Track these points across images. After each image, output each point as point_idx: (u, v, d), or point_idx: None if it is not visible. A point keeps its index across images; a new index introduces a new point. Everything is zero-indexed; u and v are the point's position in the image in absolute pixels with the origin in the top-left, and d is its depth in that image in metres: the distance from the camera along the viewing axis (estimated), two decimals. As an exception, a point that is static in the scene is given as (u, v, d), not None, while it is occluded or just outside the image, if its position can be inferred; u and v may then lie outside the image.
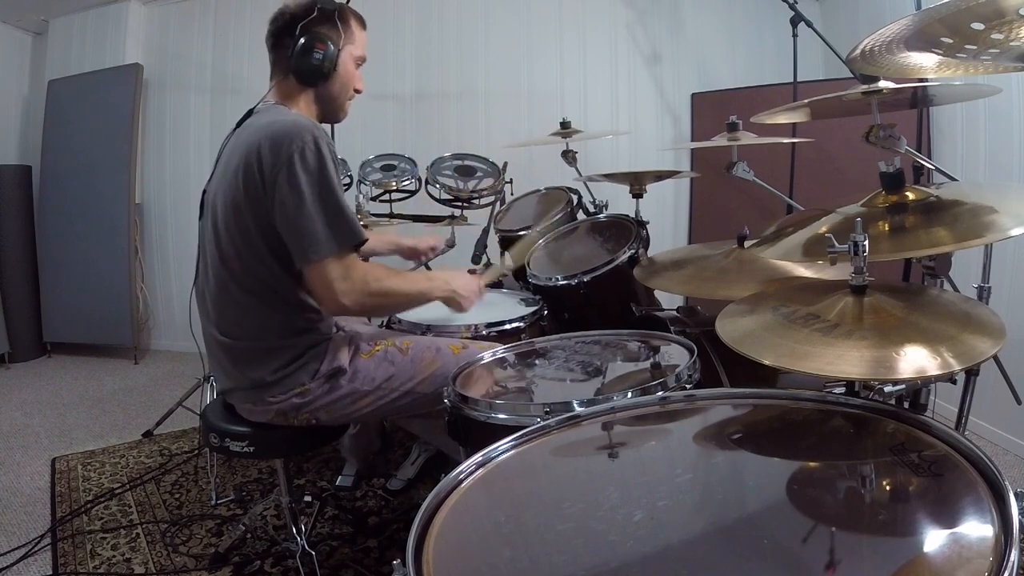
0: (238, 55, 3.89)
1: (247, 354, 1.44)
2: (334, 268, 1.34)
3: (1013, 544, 0.60)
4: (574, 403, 1.09)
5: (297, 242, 1.33)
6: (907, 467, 0.78)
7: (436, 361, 1.52)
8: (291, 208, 1.31)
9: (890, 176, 1.18)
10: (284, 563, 1.78)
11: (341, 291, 1.35)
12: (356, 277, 1.36)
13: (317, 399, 1.46)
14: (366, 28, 1.55)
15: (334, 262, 1.34)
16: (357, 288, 1.36)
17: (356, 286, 1.36)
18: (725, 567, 0.69)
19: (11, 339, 3.87)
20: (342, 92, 1.53)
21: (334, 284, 1.34)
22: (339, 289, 1.34)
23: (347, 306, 1.37)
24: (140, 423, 2.86)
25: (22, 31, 4.15)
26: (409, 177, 2.87)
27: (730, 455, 0.96)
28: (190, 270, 1.56)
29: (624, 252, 1.91)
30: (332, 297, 1.35)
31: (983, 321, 0.97)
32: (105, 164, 3.85)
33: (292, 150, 1.30)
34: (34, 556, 1.87)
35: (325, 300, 1.38)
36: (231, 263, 1.40)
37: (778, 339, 1.02)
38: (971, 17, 0.97)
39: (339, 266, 1.34)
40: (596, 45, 3.68)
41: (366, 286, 1.38)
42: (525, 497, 0.91)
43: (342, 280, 1.34)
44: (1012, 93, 2.25)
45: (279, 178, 1.31)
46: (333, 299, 1.35)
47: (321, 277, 1.34)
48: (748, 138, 1.90)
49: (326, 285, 1.35)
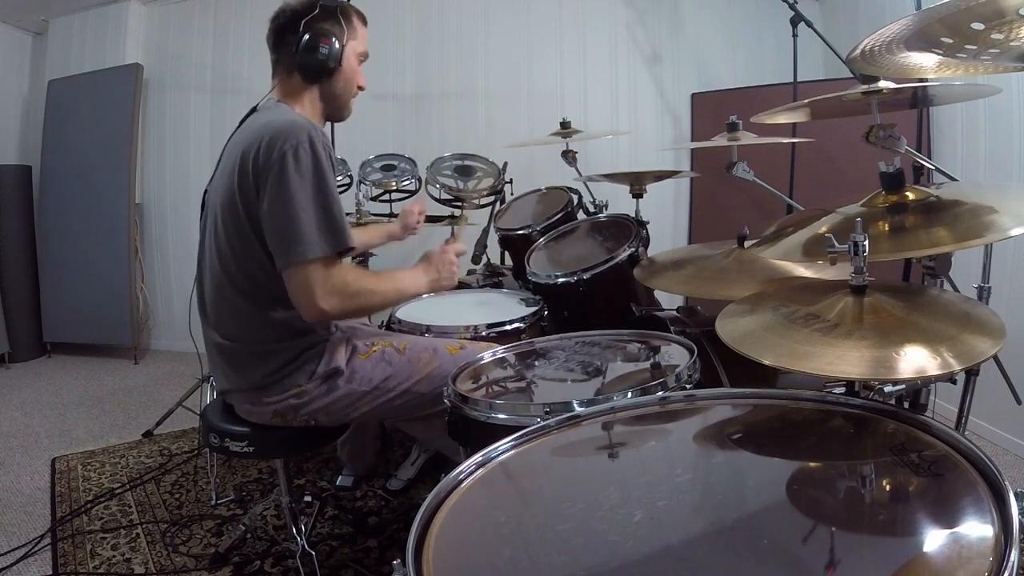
0: (238, 55, 3.89)
1: (243, 357, 1.44)
2: (317, 272, 1.29)
3: (1013, 544, 0.60)
4: (574, 403, 1.09)
5: (280, 243, 1.30)
6: (907, 467, 0.78)
7: (433, 361, 1.52)
8: (278, 208, 1.29)
9: (890, 176, 1.18)
10: (284, 563, 1.78)
11: (320, 296, 1.30)
12: (336, 282, 1.32)
13: (314, 400, 1.45)
14: (367, 24, 1.55)
15: (317, 266, 1.29)
16: (337, 292, 1.32)
17: (336, 290, 1.32)
18: (725, 567, 0.69)
19: (11, 339, 3.87)
20: (346, 89, 1.52)
21: (314, 289, 1.30)
22: (318, 294, 1.30)
23: (326, 311, 1.32)
24: (140, 423, 2.86)
25: (22, 31, 4.15)
26: (409, 177, 2.87)
27: (730, 455, 0.96)
28: (190, 270, 1.55)
29: (624, 250, 1.91)
30: (311, 302, 1.31)
31: (983, 321, 0.97)
32: (105, 164, 3.85)
33: (286, 149, 1.29)
34: (34, 556, 1.87)
35: (304, 305, 1.33)
36: (227, 263, 1.40)
37: (778, 339, 1.02)
38: (971, 17, 0.97)
39: (322, 271, 1.30)
40: (596, 45, 3.68)
41: (345, 288, 1.33)
42: (525, 497, 0.91)
43: (322, 285, 1.30)
44: (1012, 93, 2.25)
45: (270, 176, 1.29)
46: (312, 304, 1.31)
47: (302, 281, 1.30)
48: (748, 138, 1.90)
49: (306, 290, 1.30)
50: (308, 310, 1.33)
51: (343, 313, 1.38)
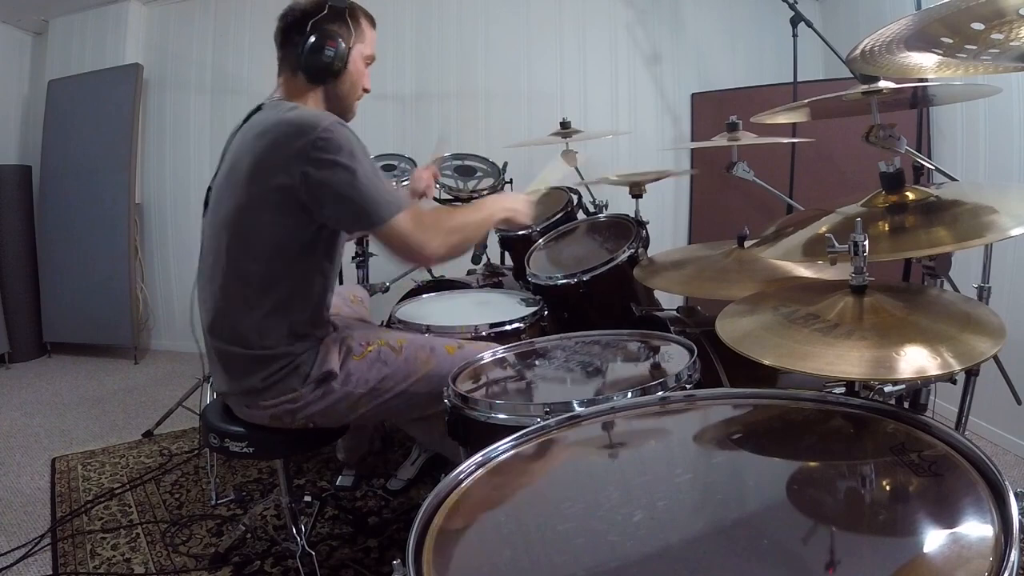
0: (238, 55, 3.89)
1: (238, 361, 1.43)
2: (407, 222, 1.36)
3: (1013, 544, 0.60)
4: (574, 403, 1.09)
5: (363, 212, 1.34)
6: (907, 467, 0.78)
7: (431, 361, 1.51)
8: (344, 184, 1.31)
9: (890, 176, 1.18)
10: (284, 563, 1.78)
11: (423, 240, 1.38)
12: (428, 223, 1.40)
13: (310, 404, 1.44)
14: (375, 27, 1.55)
15: (405, 217, 1.36)
16: (436, 229, 1.41)
17: (433, 229, 1.40)
18: (725, 567, 0.69)
19: (11, 339, 3.87)
20: (351, 91, 1.52)
21: (413, 235, 1.37)
22: (420, 239, 1.38)
23: (436, 250, 1.40)
24: (140, 423, 2.86)
25: (22, 31, 4.15)
26: (409, 177, 2.87)
27: (730, 455, 0.96)
28: (190, 270, 1.55)
29: (624, 251, 1.91)
30: (418, 248, 1.38)
31: (983, 321, 0.97)
32: (105, 164, 3.85)
33: (322, 134, 1.30)
34: (34, 556, 1.87)
35: (412, 254, 1.41)
36: (232, 262, 1.39)
37: (778, 339, 1.02)
38: (971, 17, 0.97)
39: (410, 219, 1.37)
40: (596, 45, 3.68)
41: (441, 225, 1.42)
42: (525, 497, 0.91)
43: (419, 230, 1.38)
44: (1012, 93, 2.25)
45: (320, 160, 1.29)
46: (419, 250, 1.39)
47: (399, 234, 1.36)
48: (748, 138, 1.90)
49: (405, 239, 1.37)
50: (417, 256, 1.43)
51: (450, 248, 1.45)
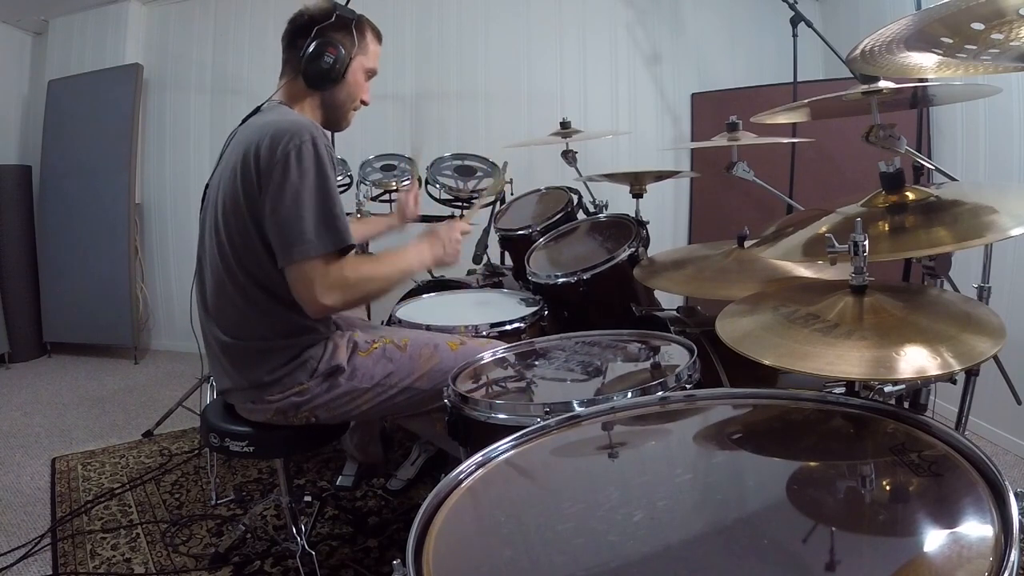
0: (238, 55, 3.89)
1: (244, 354, 1.44)
2: (316, 269, 1.32)
3: (1013, 544, 0.60)
4: (574, 403, 1.09)
5: (282, 241, 1.32)
6: (907, 467, 0.78)
7: (434, 357, 1.52)
8: (281, 206, 1.31)
9: (890, 176, 1.18)
10: (284, 563, 1.78)
11: (321, 292, 1.33)
12: (335, 277, 1.35)
13: (316, 397, 1.46)
14: (381, 42, 1.56)
15: (317, 263, 1.32)
16: (337, 286, 1.34)
17: (336, 285, 1.34)
18: (725, 567, 0.69)
19: (11, 339, 3.87)
20: (348, 100, 1.54)
21: (315, 284, 1.32)
22: (319, 291, 1.32)
23: (328, 306, 1.35)
24: (140, 423, 2.86)
25: (22, 31, 4.15)
26: (409, 177, 2.87)
27: (730, 455, 0.96)
28: (190, 270, 1.55)
29: (624, 250, 1.91)
30: (313, 299, 1.33)
31: (983, 321, 0.97)
32: (105, 164, 3.85)
33: (289, 148, 1.30)
34: (34, 556, 1.87)
35: (306, 301, 1.36)
36: (228, 260, 1.40)
37: (778, 339, 1.02)
38: (971, 17, 0.97)
39: (322, 267, 1.32)
40: (596, 45, 3.68)
41: (344, 282, 1.36)
42: (525, 497, 0.91)
43: (322, 281, 1.33)
44: (1012, 93, 2.25)
45: (273, 174, 1.31)
46: (314, 300, 1.33)
47: (303, 277, 1.33)
48: (748, 138, 1.90)
49: (306, 286, 1.33)
50: (310, 306, 1.36)
51: (347, 304, 1.41)
